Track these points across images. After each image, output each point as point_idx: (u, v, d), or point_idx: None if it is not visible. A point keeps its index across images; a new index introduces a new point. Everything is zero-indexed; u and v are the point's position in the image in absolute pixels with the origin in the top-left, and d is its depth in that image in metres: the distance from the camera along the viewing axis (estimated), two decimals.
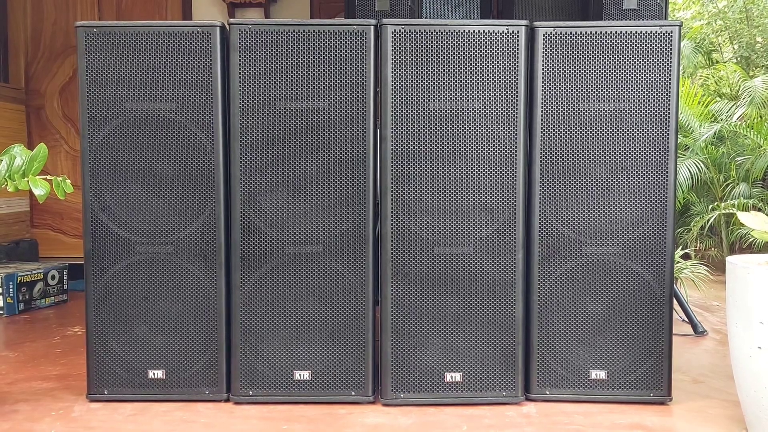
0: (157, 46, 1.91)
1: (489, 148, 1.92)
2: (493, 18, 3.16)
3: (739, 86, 5.98)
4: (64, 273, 3.51)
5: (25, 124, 4.16)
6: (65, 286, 3.51)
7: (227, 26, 1.92)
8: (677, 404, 1.99)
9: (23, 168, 1.82)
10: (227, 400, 1.99)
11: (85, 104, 1.93)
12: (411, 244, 1.93)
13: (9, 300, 3.20)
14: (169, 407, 1.94)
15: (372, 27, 1.90)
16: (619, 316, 1.96)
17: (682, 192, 5.35)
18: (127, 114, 1.93)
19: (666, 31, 1.91)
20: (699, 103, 5.76)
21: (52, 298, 3.44)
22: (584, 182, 1.94)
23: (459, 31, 1.89)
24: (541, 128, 1.93)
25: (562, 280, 1.96)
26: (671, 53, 1.91)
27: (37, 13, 4.18)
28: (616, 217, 1.95)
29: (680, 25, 1.93)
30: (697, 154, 5.45)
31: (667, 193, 1.94)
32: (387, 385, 1.95)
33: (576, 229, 1.95)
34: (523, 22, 1.90)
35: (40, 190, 1.79)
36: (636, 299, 1.96)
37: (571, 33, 1.91)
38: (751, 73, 6.34)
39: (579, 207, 1.95)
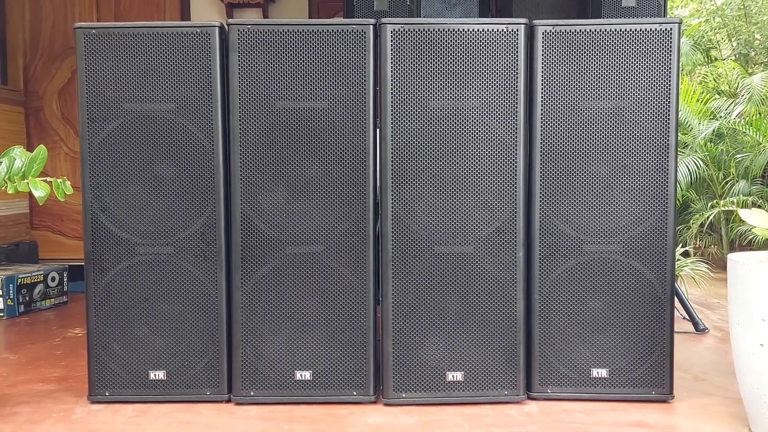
0: (156, 46, 1.91)
1: (489, 147, 1.91)
2: (491, 16, 3.16)
3: (738, 83, 5.99)
4: (64, 274, 3.51)
5: (24, 126, 4.15)
6: (65, 288, 3.51)
7: (226, 26, 1.92)
8: (679, 402, 1.99)
9: (23, 170, 1.82)
10: (228, 401, 1.98)
11: (84, 106, 1.93)
12: (412, 244, 1.93)
13: (9, 302, 3.20)
14: (171, 408, 1.94)
15: (371, 26, 1.90)
16: (620, 314, 1.96)
17: (681, 189, 5.36)
18: (127, 115, 1.93)
19: (665, 29, 1.91)
20: (698, 100, 5.77)
21: (53, 299, 3.43)
22: (584, 180, 1.94)
23: (458, 29, 1.89)
24: (541, 127, 1.93)
25: (563, 279, 1.96)
26: (671, 51, 1.91)
27: (35, 15, 4.17)
28: (616, 215, 1.95)
29: (680, 23, 1.92)
30: (696, 151, 5.46)
31: (667, 190, 1.93)
32: (388, 384, 1.95)
33: (576, 228, 1.95)
34: (523, 20, 1.90)
35: (40, 192, 1.78)
36: (637, 297, 1.95)
37: (570, 31, 1.91)
38: (750, 70, 6.34)
39: (579, 205, 1.95)
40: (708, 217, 5.24)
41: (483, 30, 1.89)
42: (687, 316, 2.85)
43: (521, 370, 1.96)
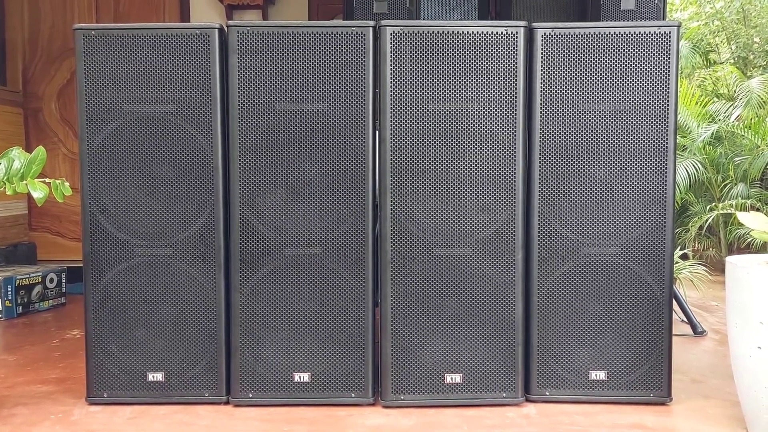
0: (156, 48, 1.91)
1: (488, 149, 1.92)
2: (491, 19, 3.16)
3: (737, 87, 6.00)
4: (63, 276, 3.51)
5: (22, 127, 4.16)
6: (64, 289, 3.51)
7: (225, 28, 1.92)
8: (677, 404, 1.99)
9: (22, 171, 1.82)
10: (227, 403, 1.98)
11: (83, 107, 1.93)
12: (410, 246, 1.93)
13: (8, 303, 3.19)
14: (169, 410, 1.94)
15: (371, 28, 1.90)
16: (618, 316, 1.96)
17: (680, 192, 5.37)
18: (126, 116, 1.93)
19: (664, 32, 1.91)
20: (697, 103, 5.78)
21: (51, 301, 3.43)
22: (583, 183, 1.94)
23: (458, 32, 1.89)
24: (540, 129, 1.93)
25: (562, 281, 1.96)
26: (670, 53, 1.91)
27: (34, 16, 4.17)
28: (615, 218, 1.95)
29: (679, 26, 1.93)
30: (695, 154, 5.47)
31: (666, 193, 1.94)
32: (387, 386, 1.95)
33: (575, 230, 1.95)
34: (522, 23, 1.90)
35: (38, 193, 1.78)
36: (635, 300, 1.96)
37: (569, 34, 1.91)
38: (749, 73, 6.36)
39: (578, 207, 1.95)
40: (707, 220, 5.25)
41: (482, 32, 1.89)
42: (685, 319, 2.86)
43: (520, 372, 1.96)
